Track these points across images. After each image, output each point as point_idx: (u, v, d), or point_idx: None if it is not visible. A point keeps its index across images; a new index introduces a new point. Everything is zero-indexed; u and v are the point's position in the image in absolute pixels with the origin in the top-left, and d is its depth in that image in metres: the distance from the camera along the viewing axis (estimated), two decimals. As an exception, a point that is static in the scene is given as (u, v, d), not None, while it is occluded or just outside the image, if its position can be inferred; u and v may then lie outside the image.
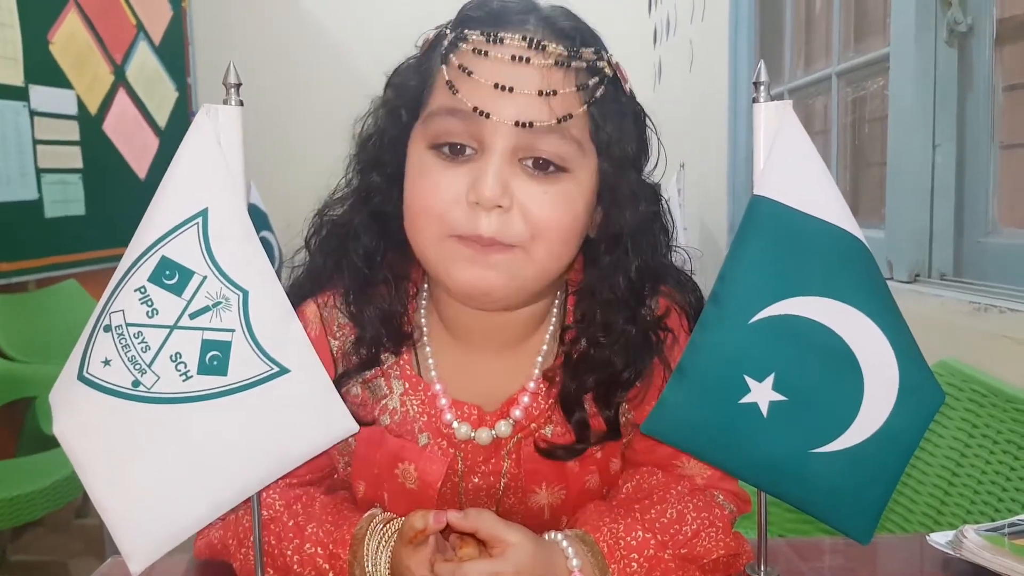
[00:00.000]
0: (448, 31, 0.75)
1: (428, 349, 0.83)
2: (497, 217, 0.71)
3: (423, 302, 0.85)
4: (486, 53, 0.71)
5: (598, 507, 0.80)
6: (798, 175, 0.65)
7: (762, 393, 0.66)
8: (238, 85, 0.65)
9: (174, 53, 3.73)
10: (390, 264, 0.82)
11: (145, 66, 3.51)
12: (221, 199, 0.63)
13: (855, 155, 2.38)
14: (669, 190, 0.85)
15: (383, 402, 0.82)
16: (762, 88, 0.66)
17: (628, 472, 0.86)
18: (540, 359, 0.83)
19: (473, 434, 0.81)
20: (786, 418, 0.66)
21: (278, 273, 0.66)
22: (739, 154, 2.99)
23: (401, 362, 0.83)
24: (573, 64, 0.72)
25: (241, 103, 0.65)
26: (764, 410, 0.66)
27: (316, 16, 4.16)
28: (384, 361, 0.82)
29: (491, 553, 0.70)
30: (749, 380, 0.66)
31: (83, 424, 0.64)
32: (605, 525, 0.75)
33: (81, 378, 0.63)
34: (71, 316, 2.84)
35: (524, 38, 0.71)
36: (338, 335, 0.83)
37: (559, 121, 0.71)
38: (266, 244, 0.65)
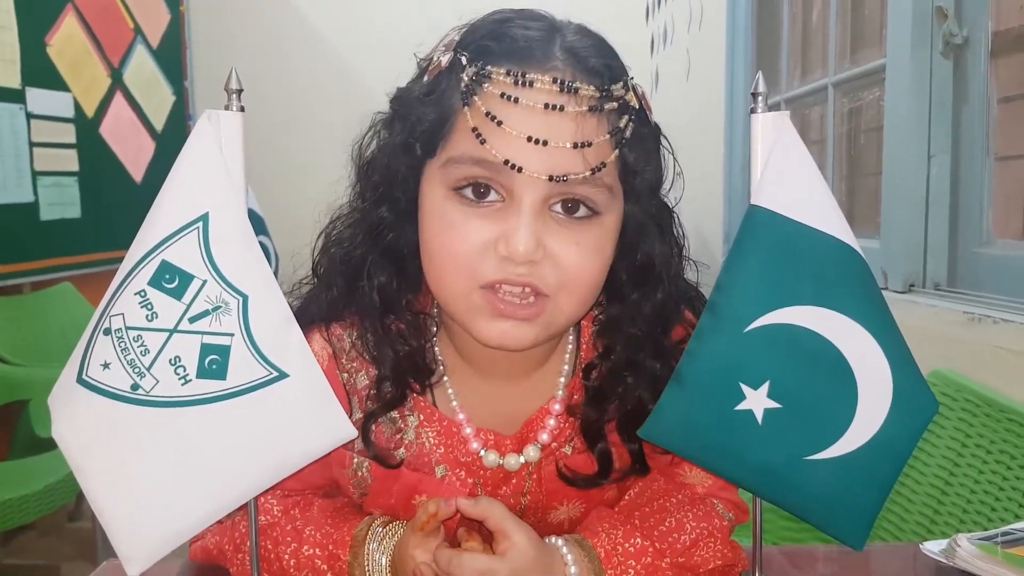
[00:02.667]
0: (464, 60, 0.70)
1: (446, 380, 0.81)
2: (527, 268, 0.69)
3: (435, 329, 0.82)
4: (516, 100, 0.67)
5: (599, 512, 0.80)
6: (795, 185, 0.66)
7: (757, 400, 0.66)
8: (239, 91, 0.65)
9: (171, 57, 3.73)
10: (408, 301, 0.79)
11: (142, 69, 3.51)
12: (222, 204, 0.63)
13: (850, 165, 2.39)
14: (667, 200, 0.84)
15: (398, 436, 0.80)
16: (760, 99, 0.67)
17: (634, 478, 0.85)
18: (563, 379, 0.82)
19: (501, 461, 0.79)
20: (781, 425, 0.67)
21: (275, 277, 0.66)
22: (735, 163, 3.00)
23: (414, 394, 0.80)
24: (605, 107, 0.69)
25: (242, 109, 0.65)
26: (759, 417, 0.66)
27: (314, 21, 4.16)
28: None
29: (495, 549, 0.70)
30: (744, 388, 0.66)
31: (82, 427, 0.64)
32: (604, 531, 0.75)
33: (80, 381, 0.63)
34: (66, 319, 2.83)
35: (555, 80, 0.67)
36: (348, 368, 0.80)
37: (593, 172, 0.68)
38: (263, 248, 0.65)
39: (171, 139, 3.61)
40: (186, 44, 3.87)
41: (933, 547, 0.81)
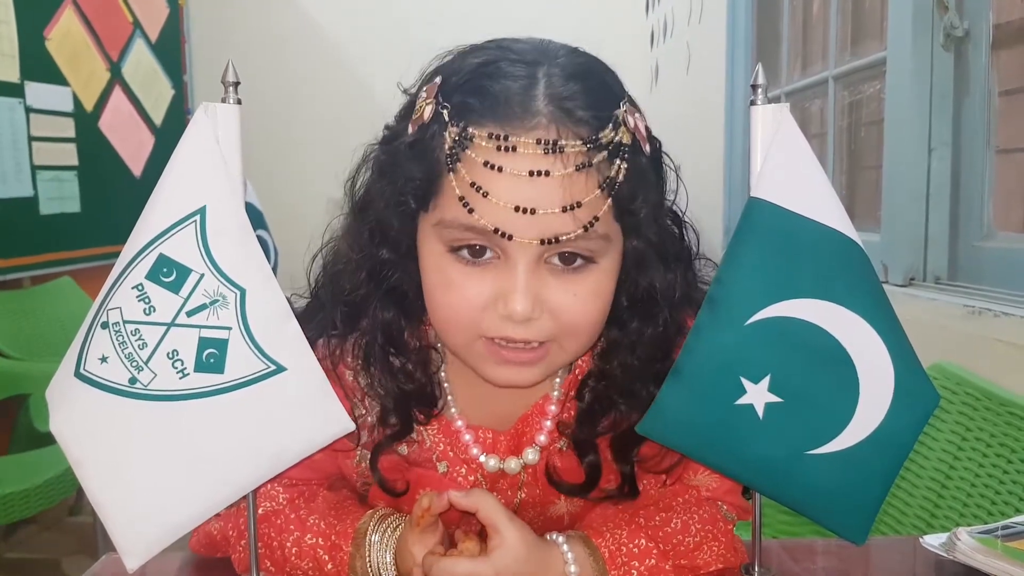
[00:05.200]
0: (446, 116, 0.67)
1: (447, 386, 0.81)
2: (526, 326, 0.69)
3: (440, 359, 0.81)
4: (500, 168, 0.65)
5: (603, 511, 0.79)
6: (795, 178, 0.65)
7: (758, 395, 0.66)
8: (236, 83, 0.65)
9: (170, 51, 3.73)
10: (413, 334, 0.78)
11: (141, 64, 3.51)
12: (219, 197, 0.63)
13: (851, 158, 2.38)
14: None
15: None
16: (760, 91, 0.66)
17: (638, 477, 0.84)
18: (558, 380, 0.81)
19: (502, 465, 0.79)
20: (781, 420, 0.66)
21: (274, 271, 0.66)
22: (735, 157, 2.99)
23: None
24: (594, 161, 0.66)
25: (239, 101, 0.65)
26: (760, 411, 0.66)
27: (313, 15, 4.15)
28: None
29: (488, 545, 0.70)
30: (745, 382, 0.66)
31: (80, 421, 0.64)
32: (608, 531, 0.75)
33: (78, 375, 0.63)
34: (65, 313, 2.83)
35: (539, 142, 0.64)
36: (352, 366, 0.79)
37: (585, 229, 0.66)
38: (262, 242, 0.65)
39: (170, 133, 3.61)
40: (185, 38, 3.86)
41: (933, 541, 0.81)
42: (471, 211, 0.66)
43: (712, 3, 3.15)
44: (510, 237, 0.66)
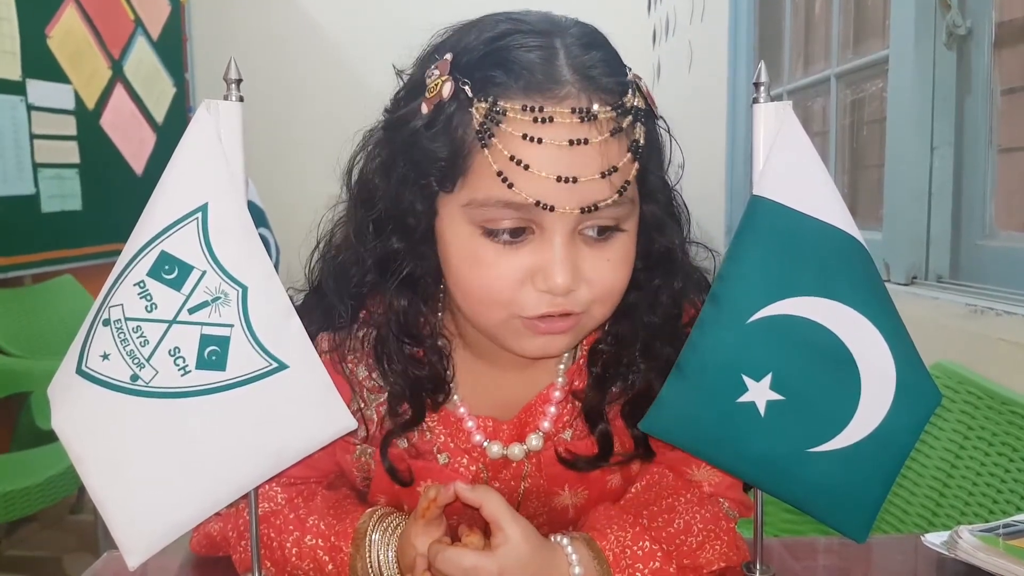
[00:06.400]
0: (468, 92, 0.66)
1: (449, 372, 0.80)
2: (565, 297, 0.69)
3: (440, 318, 0.81)
4: (539, 140, 0.64)
5: (607, 511, 0.79)
6: (797, 176, 0.65)
7: (759, 392, 0.66)
8: (238, 81, 0.65)
9: (172, 49, 3.73)
10: (427, 323, 0.78)
11: (143, 61, 3.51)
12: (221, 194, 0.63)
13: (853, 157, 2.38)
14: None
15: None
16: (762, 89, 0.66)
17: (640, 469, 0.84)
18: (562, 367, 0.81)
19: (505, 451, 0.79)
20: (783, 417, 0.66)
21: (276, 269, 0.66)
22: (737, 155, 2.99)
23: None
24: (624, 125, 0.67)
25: (241, 99, 0.65)
26: (761, 409, 0.66)
27: (314, 13, 4.15)
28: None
29: (491, 542, 0.69)
30: (747, 379, 0.66)
31: (81, 418, 0.64)
32: (612, 532, 0.74)
33: (80, 372, 0.63)
34: (67, 311, 2.83)
35: (574, 111, 0.65)
36: (351, 360, 0.79)
37: (620, 193, 0.67)
38: (264, 241, 0.65)
39: (172, 131, 3.61)
40: (187, 36, 3.86)
41: (935, 539, 0.81)
42: (511, 186, 0.65)
43: (714, 1, 3.14)
44: (552, 208, 0.65)
